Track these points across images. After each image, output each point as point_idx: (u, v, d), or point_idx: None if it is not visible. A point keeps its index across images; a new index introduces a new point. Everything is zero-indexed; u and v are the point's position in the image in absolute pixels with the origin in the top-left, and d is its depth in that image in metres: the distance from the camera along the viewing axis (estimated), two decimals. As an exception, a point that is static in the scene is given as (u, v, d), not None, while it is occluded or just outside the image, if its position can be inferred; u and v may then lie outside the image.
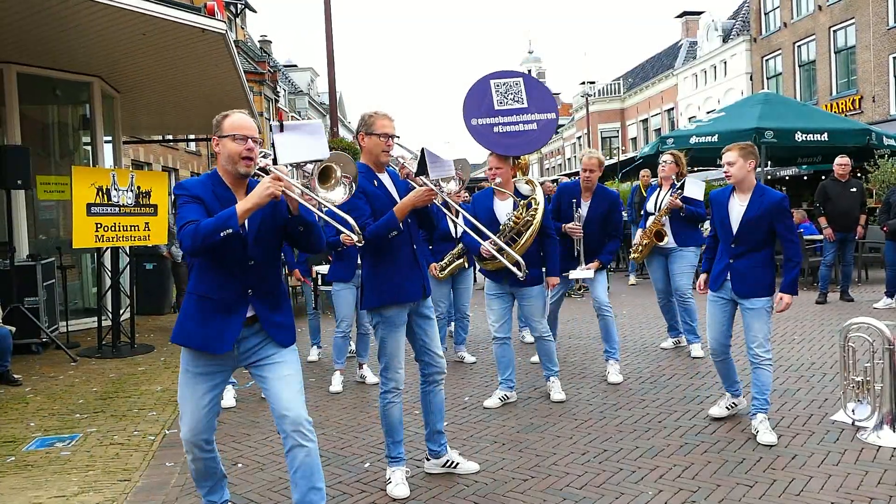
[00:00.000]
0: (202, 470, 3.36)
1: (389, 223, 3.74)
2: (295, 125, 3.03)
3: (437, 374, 4.09)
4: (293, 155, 2.98)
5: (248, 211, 2.93)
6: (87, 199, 7.74)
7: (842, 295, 9.92)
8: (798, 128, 12.39)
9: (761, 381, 4.60)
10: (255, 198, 2.90)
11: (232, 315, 3.12)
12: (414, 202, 3.77)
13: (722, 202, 4.75)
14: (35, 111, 10.55)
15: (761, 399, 4.58)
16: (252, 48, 37.60)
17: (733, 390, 4.98)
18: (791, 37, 27.83)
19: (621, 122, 45.46)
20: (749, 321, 4.63)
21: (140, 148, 20.25)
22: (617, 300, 11.19)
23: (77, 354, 8.01)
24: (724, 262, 4.72)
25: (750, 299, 4.60)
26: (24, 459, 4.70)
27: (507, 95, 7.20)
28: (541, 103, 7.21)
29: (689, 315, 6.96)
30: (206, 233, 2.88)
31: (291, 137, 2.99)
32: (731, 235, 4.66)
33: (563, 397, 5.60)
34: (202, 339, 3.12)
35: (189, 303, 3.19)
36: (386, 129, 3.87)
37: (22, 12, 7.54)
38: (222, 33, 8.55)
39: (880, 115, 22.82)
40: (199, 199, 3.06)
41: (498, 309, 5.54)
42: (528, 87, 7.26)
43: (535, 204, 5.32)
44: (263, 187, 2.89)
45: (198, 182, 3.17)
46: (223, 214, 2.91)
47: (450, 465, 4.15)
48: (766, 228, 4.58)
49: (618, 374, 6.09)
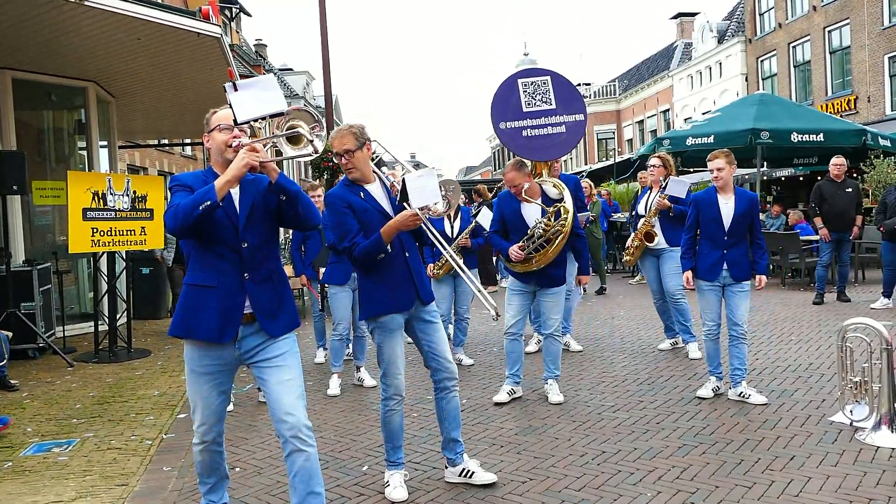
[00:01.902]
0: (209, 463, 3.37)
1: (377, 246, 3.74)
2: (248, 82, 3.00)
3: (447, 379, 4.01)
4: (251, 111, 2.96)
5: (228, 183, 2.97)
6: (83, 203, 7.73)
7: (839, 295, 9.93)
8: (794, 128, 12.41)
9: (743, 353, 5.41)
10: (232, 170, 2.95)
11: (230, 301, 3.11)
12: (398, 226, 3.76)
13: (712, 202, 5.51)
14: (30, 116, 10.52)
15: (742, 369, 5.41)
16: (247, 52, 37.59)
17: (718, 372, 5.59)
18: (786, 37, 27.88)
19: (617, 124, 45.47)
20: (738, 301, 5.43)
21: (136, 152, 20.22)
22: (614, 301, 11.22)
23: (74, 359, 7.99)
24: (716, 254, 5.45)
25: (741, 282, 5.42)
26: (21, 465, 4.68)
27: (534, 96, 6.95)
28: (569, 104, 6.89)
29: (682, 315, 6.98)
30: (185, 209, 2.92)
31: (246, 94, 2.96)
32: (724, 230, 5.43)
33: (561, 399, 5.62)
34: (200, 328, 3.12)
35: (186, 294, 3.19)
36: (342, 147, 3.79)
37: (16, 18, 7.53)
38: (217, 37, 8.54)
39: (875, 116, 22.86)
40: (190, 189, 3.08)
41: (517, 305, 5.65)
42: (557, 86, 6.95)
43: (565, 213, 5.38)
44: (239, 158, 2.94)
45: (192, 175, 3.21)
46: (201, 189, 2.95)
47: (466, 474, 4.04)
48: (748, 222, 5.45)
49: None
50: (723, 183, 5.44)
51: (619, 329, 8.66)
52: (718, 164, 5.40)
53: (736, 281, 5.41)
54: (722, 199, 5.47)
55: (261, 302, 3.17)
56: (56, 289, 8.92)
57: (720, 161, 5.40)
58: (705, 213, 5.51)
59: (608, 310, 10.26)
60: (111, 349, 8.23)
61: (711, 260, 5.46)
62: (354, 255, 3.76)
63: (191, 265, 3.21)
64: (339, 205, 3.81)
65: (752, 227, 5.48)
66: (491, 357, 7.43)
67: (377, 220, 3.80)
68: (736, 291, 5.43)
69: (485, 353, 7.60)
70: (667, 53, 41.85)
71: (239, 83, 2.97)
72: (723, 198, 5.47)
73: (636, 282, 13.48)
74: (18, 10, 7.32)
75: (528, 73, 7.15)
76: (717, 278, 5.45)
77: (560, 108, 6.89)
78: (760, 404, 5.19)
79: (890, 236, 9.15)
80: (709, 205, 5.50)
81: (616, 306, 10.67)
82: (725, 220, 5.42)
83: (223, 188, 2.94)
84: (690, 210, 5.67)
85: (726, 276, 5.43)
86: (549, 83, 6.96)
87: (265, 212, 3.19)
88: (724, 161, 5.40)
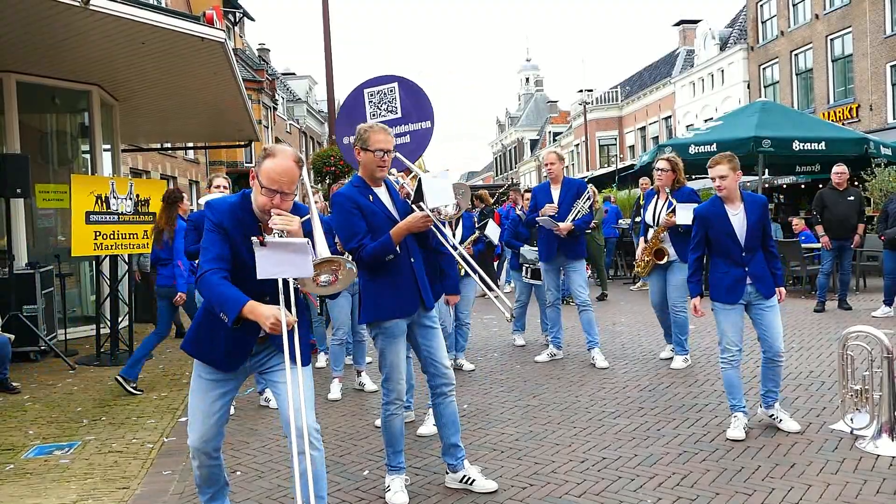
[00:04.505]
0: (207, 476, 3.35)
1: (386, 247, 3.73)
2: (279, 243, 2.89)
3: (444, 385, 4.01)
4: (278, 272, 2.90)
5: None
6: (86, 207, 7.75)
7: (840, 303, 9.93)
8: (795, 136, 12.41)
9: (779, 376, 4.89)
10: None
11: (242, 338, 3.11)
12: (409, 228, 3.76)
13: (720, 215, 4.80)
14: (34, 120, 10.57)
15: (776, 391, 4.90)
16: (250, 56, 37.65)
17: (742, 407, 4.85)
18: (788, 45, 27.90)
19: (619, 130, 45.52)
20: (770, 319, 4.79)
21: (139, 156, 20.24)
22: (616, 308, 11.22)
23: (75, 362, 8.01)
24: (737, 272, 4.77)
25: (770, 298, 4.79)
26: (22, 467, 4.70)
27: (380, 105, 6.78)
28: (416, 112, 6.76)
29: (679, 328, 6.86)
30: (207, 297, 2.98)
31: (276, 254, 2.88)
32: (740, 245, 4.75)
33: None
34: (209, 354, 3.14)
35: (203, 314, 3.18)
36: (380, 145, 3.81)
37: (21, 21, 7.57)
38: (221, 42, 8.58)
39: (878, 124, 22.86)
40: (224, 230, 3.03)
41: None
42: (404, 93, 6.78)
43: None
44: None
45: (227, 208, 3.09)
46: (231, 299, 2.90)
47: (466, 481, 4.03)
48: (762, 229, 4.81)
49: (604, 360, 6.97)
50: (727, 193, 4.74)
51: (620, 336, 8.66)
52: (720, 171, 4.70)
53: (765, 298, 4.77)
54: (730, 209, 4.77)
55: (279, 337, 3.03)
56: (58, 292, 8.95)
57: (723, 167, 4.70)
58: (715, 228, 4.80)
59: (609, 316, 10.26)
60: (113, 352, 8.24)
61: (731, 279, 4.77)
62: (362, 255, 3.73)
63: None
64: (347, 205, 3.79)
65: (765, 233, 4.85)
66: (491, 363, 7.44)
67: (384, 224, 3.80)
68: (766, 309, 4.78)
69: (485, 359, 7.61)
70: (669, 60, 41.89)
71: (269, 241, 2.89)
72: (731, 208, 4.77)
73: (637, 288, 13.48)
74: (23, 14, 7.36)
75: (374, 81, 7.01)
76: (741, 298, 4.78)
77: (405, 116, 6.75)
78: (793, 432, 4.71)
79: (891, 245, 9.15)
80: (718, 218, 4.79)
81: (617, 313, 10.66)
82: (739, 234, 4.74)
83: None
84: (695, 227, 4.97)
85: (752, 293, 4.77)
86: (396, 90, 6.80)
87: None
88: (726, 167, 4.69)
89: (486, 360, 7.59)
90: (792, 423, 4.78)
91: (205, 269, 2.96)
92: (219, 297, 2.90)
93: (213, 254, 2.99)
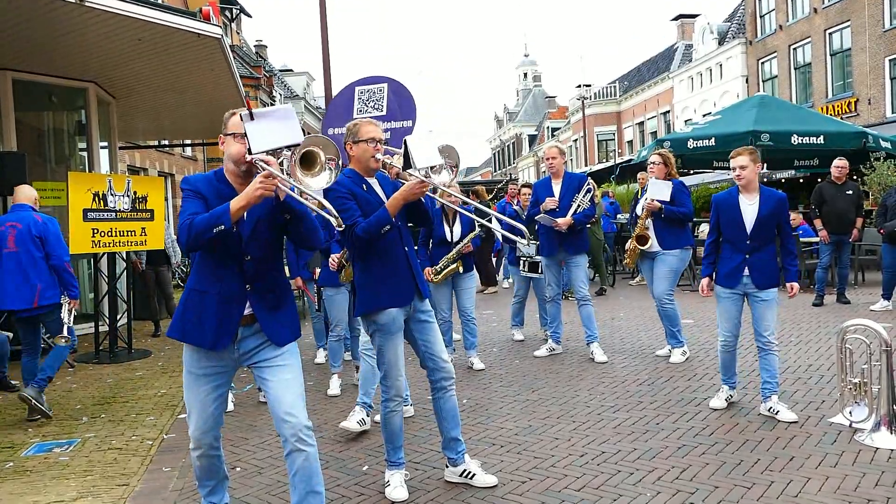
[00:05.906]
0: (207, 468, 3.36)
1: (382, 219, 3.70)
2: (265, 111, 2.98)
3: (443, 379, 4.00)
4: (267, 142, 2.94)
5: (241, 209, 2.94)
6: (84, 204, 7.74)
7: (838, 297, 9.94)
8: (794, 130, 12.40)
9: (772, 365, 5.02)
10: (245, 197, 2.92)
11: (229, 310, 3.12)
12: (405, 196, 3.72)
13: (732, 204, 5.08)
14: (31, 117, 10.54)
15: (773, 382, 5.01)
16: (248, 53, 37.57)
17: (732, 382, 5.31)
18: (787, 39, 27.89)
19: (617, 125, 45.52)
20: (762, 311, 4.99)
21: (136, 153, 20.24)
22: (615, 303, 11.23)
23: (74, 360, 8.00)
24: (737, 259, 5.04)
25: (765, 290, 4.98)
26: (22, 465, 4.70)
27: (368, 103, 7.06)
28: (400, 111, 7.04)
29: (669, 320, 6.86)
30: (198, 229, 2.91)
31: (263, 124, 2.95)
32: (746, 234, 5.00)
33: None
34: (195, 334, 3.13)
35: (187, 298, 3.19)
36: (371, 134, 3.87)
37: (17, 18, 7.54)
38: (218, 38, 8.56)
39: (876, 118, 22.86)
40: (201, 196, 3.08)
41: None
42: (393, 93, 7.06)
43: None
44: (254, 187, 2.90)
45: (203, 179, 3.18)
46: (216, 211, 2.93)
47: (466, 475, 4.04)
48: (774, 224, 5.01)
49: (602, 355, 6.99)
50: (745, 182, 4.98)
51: (620, 330, 8.67)
52: (741, 161, 4.95)
53: (758, 288, 4.97)
54: (745, 199, 5.02)
55: (263, 312, 3.17)
56: (56, 289, 8.90)
57: (744, 158, 4.95)
58: (725, 215, 5.09)
59: (608, 311, 10.27)
60: (112, 350, 8.24)
61: (731, 265, 5.04)
62: (356, 232, 3.71)
63: (194, 270, 3.21)
64: (341, 190, 3.77)
65: (781, 229, 5.04)
66: (490, 357, 7.44)
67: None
68: (759, 300, 4.98)
69: (485, 354, 7.60)
70: (667, 55, 41.91)
71: (255, 112, 2.95)
72: (746, 198, 5.02)
73: (636, 283, 13.50)
74: (19, 11, 7.33)
75: (366, 80, 7.35)
76: (737, 285, 5.04)
77: (389, 114, 7.04)
78: (790, 422, 4.80)
79: (890, 239, 9.15)
80: (729, 206, 5.07)
81: (616, 307, 10.67)
82: (748, 223, 4.98)
83: (237, 213, 2.94)
84: (711, 212, 5.26)
85: (747, 283, 5.00)
86: (385, 90, 7.13)
87: (270, 227, 3.18)
88: (747, 158, 4.94)
89: (486, 354, 7.59)
90: (789, 414, 4.87)
91: (185, 220, 2.98)
92: (206, 219, 2.92)
93: (191, 210, 3.02)
